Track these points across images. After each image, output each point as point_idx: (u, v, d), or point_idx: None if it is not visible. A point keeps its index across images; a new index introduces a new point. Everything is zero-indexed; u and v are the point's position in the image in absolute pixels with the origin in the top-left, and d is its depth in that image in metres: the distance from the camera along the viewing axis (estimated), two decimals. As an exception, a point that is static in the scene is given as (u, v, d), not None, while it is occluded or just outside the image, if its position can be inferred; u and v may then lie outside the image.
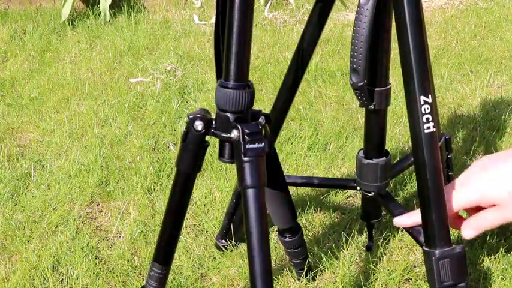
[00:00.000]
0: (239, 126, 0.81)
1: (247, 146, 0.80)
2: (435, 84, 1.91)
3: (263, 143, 0.81)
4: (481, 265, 1.33)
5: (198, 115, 0.85)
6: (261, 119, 0.85)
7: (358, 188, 1.21)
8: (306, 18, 1.10)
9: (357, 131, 1.89)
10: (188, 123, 0.87)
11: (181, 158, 0.89)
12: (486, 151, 1.79)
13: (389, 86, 1.10)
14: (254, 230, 0.80)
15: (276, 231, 1.18)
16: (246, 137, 0.81)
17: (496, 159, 0.64)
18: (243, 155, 0.81)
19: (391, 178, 1.31)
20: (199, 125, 0.85)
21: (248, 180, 0.80)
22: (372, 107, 1.09)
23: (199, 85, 2.28)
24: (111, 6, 3.04)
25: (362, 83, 1.01)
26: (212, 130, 0.86)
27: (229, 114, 0.83)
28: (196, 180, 0.94)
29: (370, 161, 1.16)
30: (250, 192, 0.80)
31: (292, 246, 1.14)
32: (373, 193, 1.19)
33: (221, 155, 0.87)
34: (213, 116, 0.87)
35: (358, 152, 1.19)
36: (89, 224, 1.52)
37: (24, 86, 2.33)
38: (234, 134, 0.82)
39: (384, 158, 1.17)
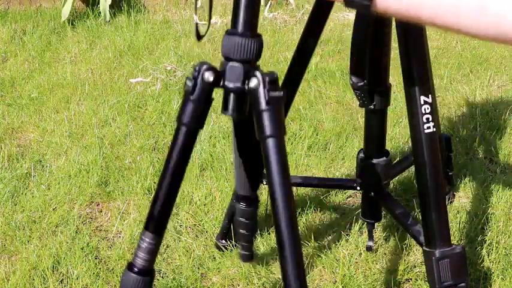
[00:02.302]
0: (259, 75, 0.78)
1: (269, 95, 0.77)
2: (435, 84, 1.91)
3: (282, 92, 0.78)
4: (481, 265, 1.33)
5: (207, 65, 0.80)
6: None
7: (358, 188, 1.21)
8: (306, 18, 1.10)
9: (357, 131, 1.89)
10: (195, 74, 0.80)
11: (184, 111, 0.82)
12: (486, 151, 1.79)
13: (390, 86, 1.10)
14: (276, 179, 0.77)
15: (235, 195, 1.10)
16: (267, 85, 0.77)
17: None
18: (264, 104, 0.77)
19: (391, 178, 1.31)
20: (209, 76, 0.79)
21: (269, 129, 0.77)
22: (372, 107, 1.09)
23: (199, 85, 2.28)
24: (111, 6, 3.04)
25: (362, 83, 1.01)
26: (222, 82, 0.80)
27: (243, 64, 0.79)
28: (197, 139, 0.88)
29: (370, 161, 1.16)
30: (271, 142, 0.77)
31: (244, 215, 1.07)
32: (373, 193, 1.19)
33: (225, 108, 0.82)
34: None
35: (358, 152, 1.19)
36: (89, 224, 1.52)
37: (24, 86, 2.33)
38: (253, 83, 0.78)
39: (384, 158, 1.17)
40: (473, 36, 0.51)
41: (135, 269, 0.83)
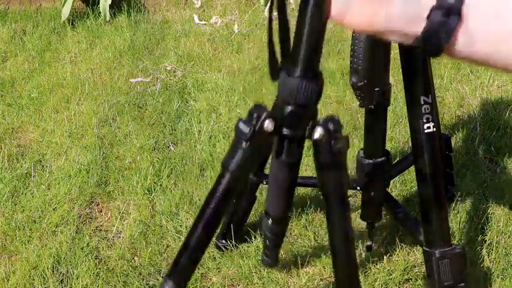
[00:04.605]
0: (326, 124, 0.69)
1: (333, 148, 0.69)
2: (435, 84, 1.91)
3: (347, 138, 0.70)
4: (481, 265, 1.33)
5: (266, 112, 0.68)
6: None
7: (358, 188, 1.21)
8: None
9: (357, 131, 1.89)
10: (252, 121, 0.69)
11: (232, 158, 0.71)
12: (486, 151, 1.79)
13: (390, 86, 1.10)
14: (338, 240, 0.76)
15: (264, 212, 1.06)
16: (332, 135, 0.69)
17: None
18: (329, 157, 0.69)
19: (391, 178, 1.31)
20: (269, 125, 0.68)
21: (332, 185, 0.71)
22: (372, 107, 1.09)
23: (199, 85, 2.28)
24: (111, 6, 3.04)
25: (362, 83, 1.01)
26: (283, 131, 0.69)
27: (303, 109, 0.68)
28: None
29: (370, 161, 1.16)
30: (333, 198, 0.72)
31: (273, 231, 0.99)
32: (373, 193, 1.19)
33: (279, 154, 0.72)
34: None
35: (358, 152, 1.19)
36: (89, 224, 1.52)
37: (24, 86, 2.33)
38: (319, 133, 0.69)
39: (384, 158, 1.17)
40: None
41: None
